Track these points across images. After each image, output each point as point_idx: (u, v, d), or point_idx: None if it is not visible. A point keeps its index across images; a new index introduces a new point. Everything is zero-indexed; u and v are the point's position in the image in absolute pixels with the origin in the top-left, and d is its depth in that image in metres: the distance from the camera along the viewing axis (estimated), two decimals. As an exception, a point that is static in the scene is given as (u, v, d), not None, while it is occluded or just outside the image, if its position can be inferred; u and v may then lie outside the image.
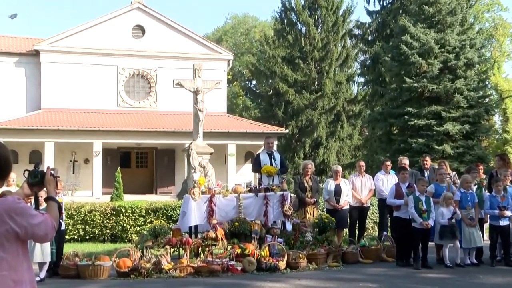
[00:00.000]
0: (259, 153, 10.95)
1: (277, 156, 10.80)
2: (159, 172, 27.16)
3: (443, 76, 22.32)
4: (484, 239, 9.85)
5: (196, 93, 15.79)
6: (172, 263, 8.57)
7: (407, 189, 9.31)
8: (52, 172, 2.98)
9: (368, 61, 31.52)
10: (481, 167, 10.80)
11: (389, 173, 11.08)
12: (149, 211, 12.95)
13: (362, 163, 11.40)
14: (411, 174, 10.41)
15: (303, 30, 32.90)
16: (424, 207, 8.91)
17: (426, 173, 10.81)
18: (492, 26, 38.28)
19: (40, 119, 24.45)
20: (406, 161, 11.12)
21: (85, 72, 26.08)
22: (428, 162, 11.16)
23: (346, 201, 10.60)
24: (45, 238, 2.69)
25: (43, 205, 8.96)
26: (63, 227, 9.29)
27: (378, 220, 12.21)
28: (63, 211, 9.41)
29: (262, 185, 10.10)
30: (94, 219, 12.95)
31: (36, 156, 24.84)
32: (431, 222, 8.95)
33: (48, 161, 23.43)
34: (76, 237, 12.88)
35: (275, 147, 11.56)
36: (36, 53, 25.92)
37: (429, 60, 22.34)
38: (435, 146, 21.55)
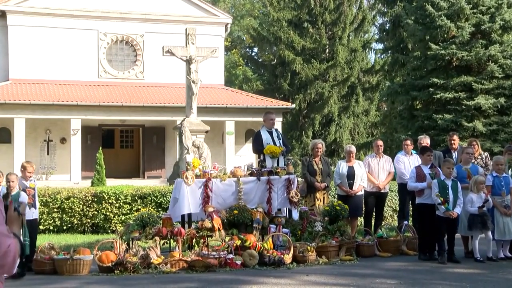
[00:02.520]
0: (259, 131, 10.94)
1: (279, 134, 10.84)
2: (146, 153, 27.21)
3: (475, 41, 22.17)
4: None
5: (189, 62, 15.73)
6: (162, 257, 8.63)
7: (429, 169, 9.32)
8: (17, 207, 2.81)
9: (388, 25, 31.28)
10: (518, 146, 10.77)
11: (411, 154, 11.09)
12: (136, 198, 13.01)
13: (380, 142, 11.39)
14: (434, 156, 10.41)
15: (313, -11, 32.64)
16: (450, 196, 8.89)
17: (454, 154, 10.81)
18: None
19: (8, 92, 24.40)
20: (427, 140, 11.14)
21: (60, 37, 25.94)
22: (456, 141, 11.14)
23: (360, 185, 10.63)
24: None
25: (15, 190, 8.91)
26: (36, 216, 9.34)
27: (398, 208, 12.25)
28: (37, 197, 9.44)
29: (265, 167, 10.11)
30: (73, 206, 13.01)
31: (5, 134, 24.88)
32: (457, 210, 8.96)
33: (18, 140, 23.48)
34: (51, 227, 12.96)
35: (278, 125, 11.56)
36: (2, 15, 25.73)
37: (458, 23, 22.15)
38: (465, 122, 21.51)
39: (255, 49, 44.18)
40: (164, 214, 9.83)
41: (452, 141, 11.06)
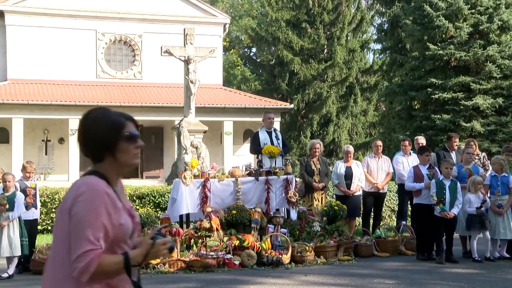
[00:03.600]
0: (258, 131, 10.98)
1: (278, 134, 10.85)
2: (145, 153, 27.14)
3: (473, 41, 22.16)
4: None
5: (187, 62, 15.73)
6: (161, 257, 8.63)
7: (427, 170, 9.33)
8: (156, 235, 2.51)
9: (386, 25, 31.28)
10: (516, 146, 10.79)
11: (410, 154, 11.10)
12: (134, 198, 12.99)
13: (379, 142, 11.40)
14: (430, 157, 10.45)
15: (311, -11, 32.63)
16: (447, 196, 8.90)
17: (453, 154, 10.83)
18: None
19: (6, 92, 24.37)
20: (423, 140, 11.17)
21: (58, 37, 25.92)
22: (457, 142, 11.25)
23: (358, 186, 10.65)
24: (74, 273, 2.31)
25: (11, 190, 8.89)
26: (36, 216, 9.35)
27: (396, 208, 12.26)
28: (38, 197, 9.44)
29: (263, 167, 10.11)
30: (71, 207, 12.97)
31: (3, 134, 24.85)
32: (455, 211, 8.97)
33: (17, 140, 23.44)
34: (50, 227, 12.91)
35: (277, 125, 11.58)
36: (0, 15, 25.72)
37: (457, 23, 22.14)
38: (463, 123, 21.50)
39: (254, 49, 44.19)
40: (162, 214, 9.84)
41: (454, 143, 11.11)
